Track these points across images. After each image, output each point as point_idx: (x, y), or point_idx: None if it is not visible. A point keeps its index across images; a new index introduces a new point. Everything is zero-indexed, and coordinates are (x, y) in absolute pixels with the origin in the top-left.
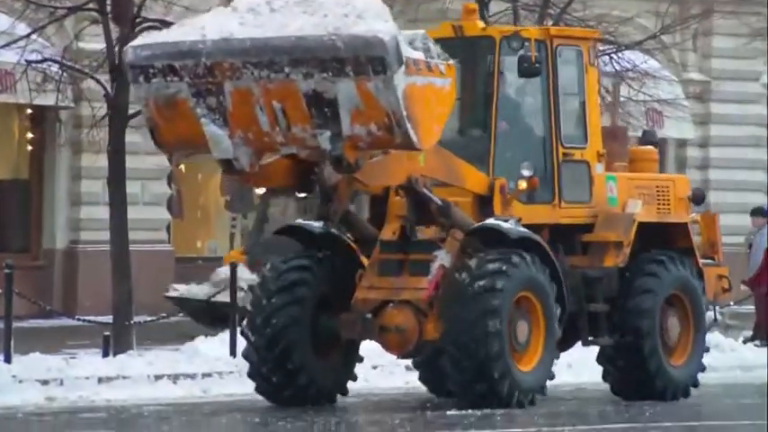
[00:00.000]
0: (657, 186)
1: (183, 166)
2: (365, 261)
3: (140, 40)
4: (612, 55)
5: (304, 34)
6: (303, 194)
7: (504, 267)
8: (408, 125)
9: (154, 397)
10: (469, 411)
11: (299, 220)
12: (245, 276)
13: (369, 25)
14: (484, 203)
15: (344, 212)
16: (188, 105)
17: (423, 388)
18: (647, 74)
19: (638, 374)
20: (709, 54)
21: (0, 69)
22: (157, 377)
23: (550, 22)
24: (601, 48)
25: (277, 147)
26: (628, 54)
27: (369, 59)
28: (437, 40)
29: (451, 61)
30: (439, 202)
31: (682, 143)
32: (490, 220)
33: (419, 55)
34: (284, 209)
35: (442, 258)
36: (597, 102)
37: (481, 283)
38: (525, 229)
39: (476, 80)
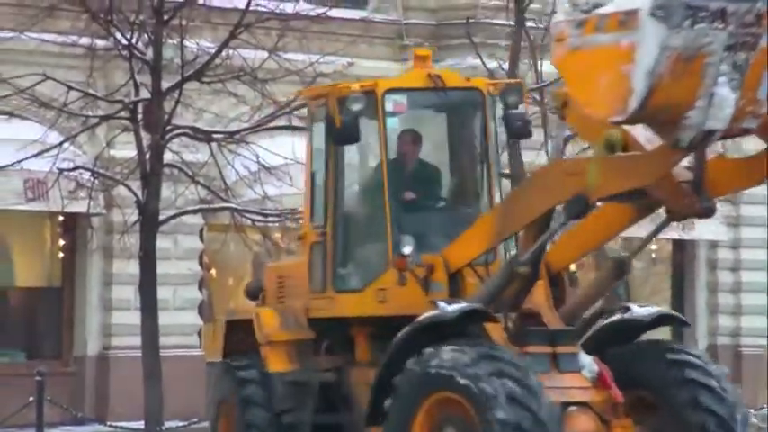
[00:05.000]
0: None
1: (213, 271)
2: None
3: None
4: None
5: None
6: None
7: None
8: None
9: None
10: None
11: None
12: None
13: None
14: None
15: None
16: (704, 61)
17: None
18: None
19: None
20: None
21: (33, 178)
22: None
23: None
24: None
25: (742, 118)
26: None
27: None
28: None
29: None
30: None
31: (713, 245)
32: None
33: None
34: None
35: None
36: None
37: None
38: None
39: None
